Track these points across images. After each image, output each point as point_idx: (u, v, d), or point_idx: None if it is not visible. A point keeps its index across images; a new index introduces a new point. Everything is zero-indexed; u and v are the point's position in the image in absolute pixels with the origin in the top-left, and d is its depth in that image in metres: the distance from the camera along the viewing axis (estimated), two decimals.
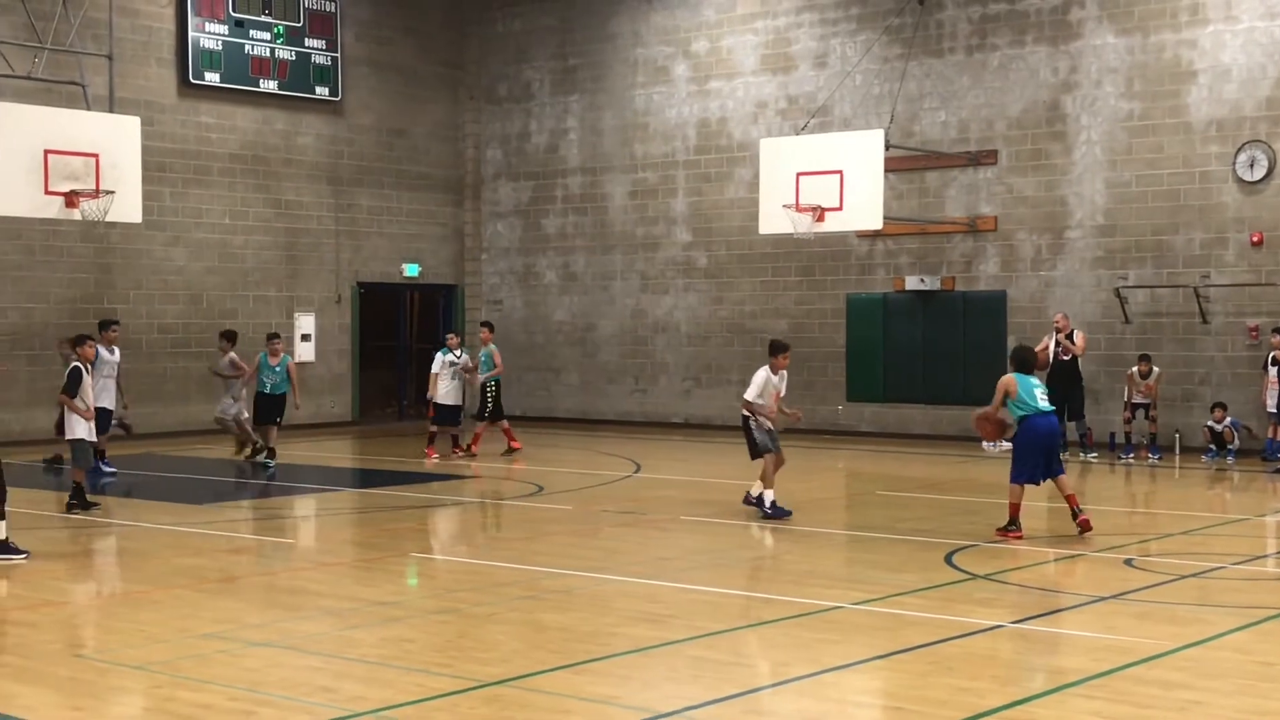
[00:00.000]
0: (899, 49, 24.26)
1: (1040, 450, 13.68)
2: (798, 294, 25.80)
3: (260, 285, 26.52)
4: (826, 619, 10.12)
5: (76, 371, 14.82)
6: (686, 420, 27.00)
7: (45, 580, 11.74)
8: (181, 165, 25.28)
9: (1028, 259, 23.56)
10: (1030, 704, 7.81)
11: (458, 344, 22.19)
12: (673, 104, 27.24)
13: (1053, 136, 23.27)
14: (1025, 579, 11.78)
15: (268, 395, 20.51)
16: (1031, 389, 13.70)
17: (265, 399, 20.50)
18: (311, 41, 27.01)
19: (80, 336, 15.50)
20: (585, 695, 8.08)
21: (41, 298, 23.55)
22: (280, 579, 11.87)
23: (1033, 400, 13.64)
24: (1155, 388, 21.28)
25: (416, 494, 17.67)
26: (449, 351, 21.70)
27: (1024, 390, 13.67)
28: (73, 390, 14.74)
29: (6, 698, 8.01)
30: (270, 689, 8.12)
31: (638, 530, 14.59)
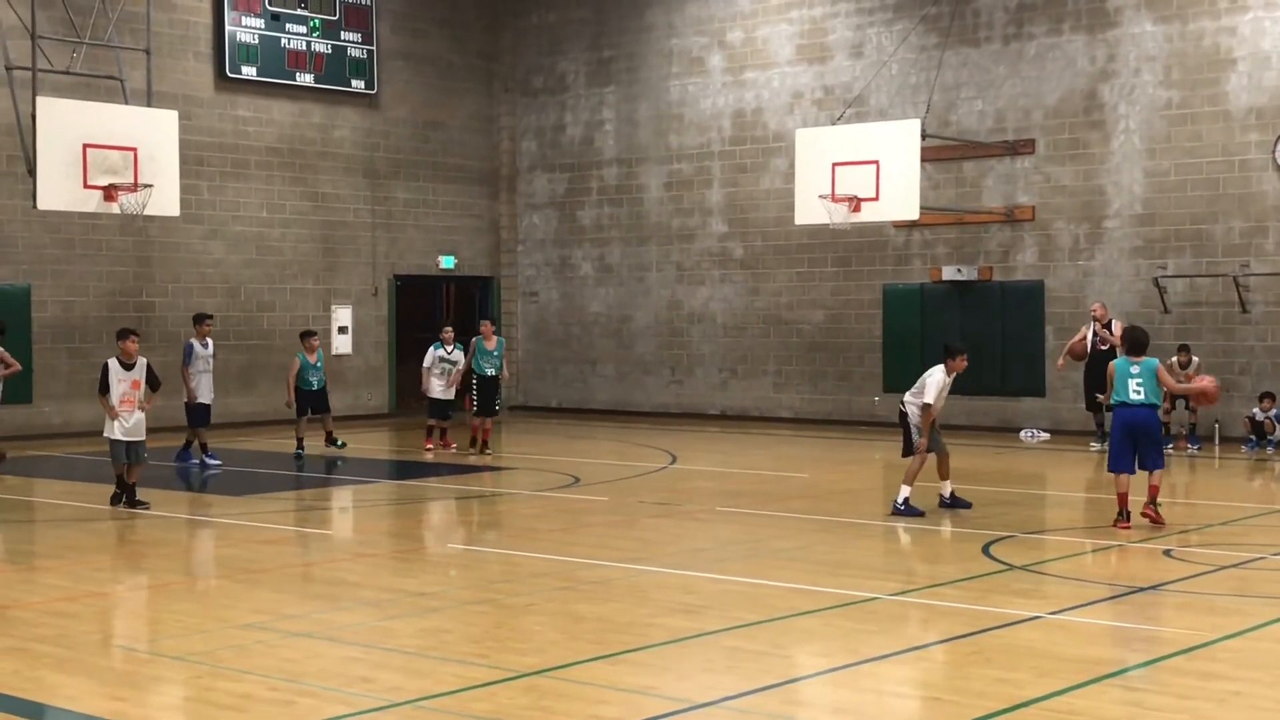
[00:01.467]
0: (935, 38, 24.15)
1: (1126, 440, 13.61)
2: (834, 285, 25.73)
3: (297, 278, 26.63)
4: (864, 610, 10.10)
5: (104, 368, 14.73)
6: (723, 412, 26.98)
7: (86, 571, 11.84)
8: (219, 159, 25.41)
9: (1066, 249, 23.43)
10: (1068, 695, 7.77)
11: (453, 339, 21.30)
12: (708, 95, 27.20)
13: (1090, 125, 23.13)
14: (1063, 570, 11.73)
15: (316, 391, 20.84)
16: (1126, 377, 13.61)
17: (314, 395, 20.83)
18: (347, 35, 27.09)
19: (122, 330, 15.24)
20: (622, 686, 8.09)
21: (81, 291, 23.73)
22: (318, 570, 11.94)
23: (1123, 390, 13.60)
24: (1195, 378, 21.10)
25: (453, 485, 17.72)
26: (441, 346, 21.10)
27: (1118, 378, 13.67)
28: (103, 388, 14.67)
29: (49, 688, 8.08)
30: (309, 679, 8.16)
31: (674, 521, 14.59)
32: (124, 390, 14.69)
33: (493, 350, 21.22)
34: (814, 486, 16.82)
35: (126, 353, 14.81)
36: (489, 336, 21.35)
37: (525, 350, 29.86)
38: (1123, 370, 13.74)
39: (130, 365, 14.77)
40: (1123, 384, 13.66)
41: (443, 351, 21.06)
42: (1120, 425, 13.70)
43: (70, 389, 22.95)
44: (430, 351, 21.14)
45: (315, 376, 20.86)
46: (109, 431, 14.77)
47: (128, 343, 14.87)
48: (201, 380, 19.50)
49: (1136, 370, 13.68)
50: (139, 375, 14.79)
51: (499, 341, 21.47)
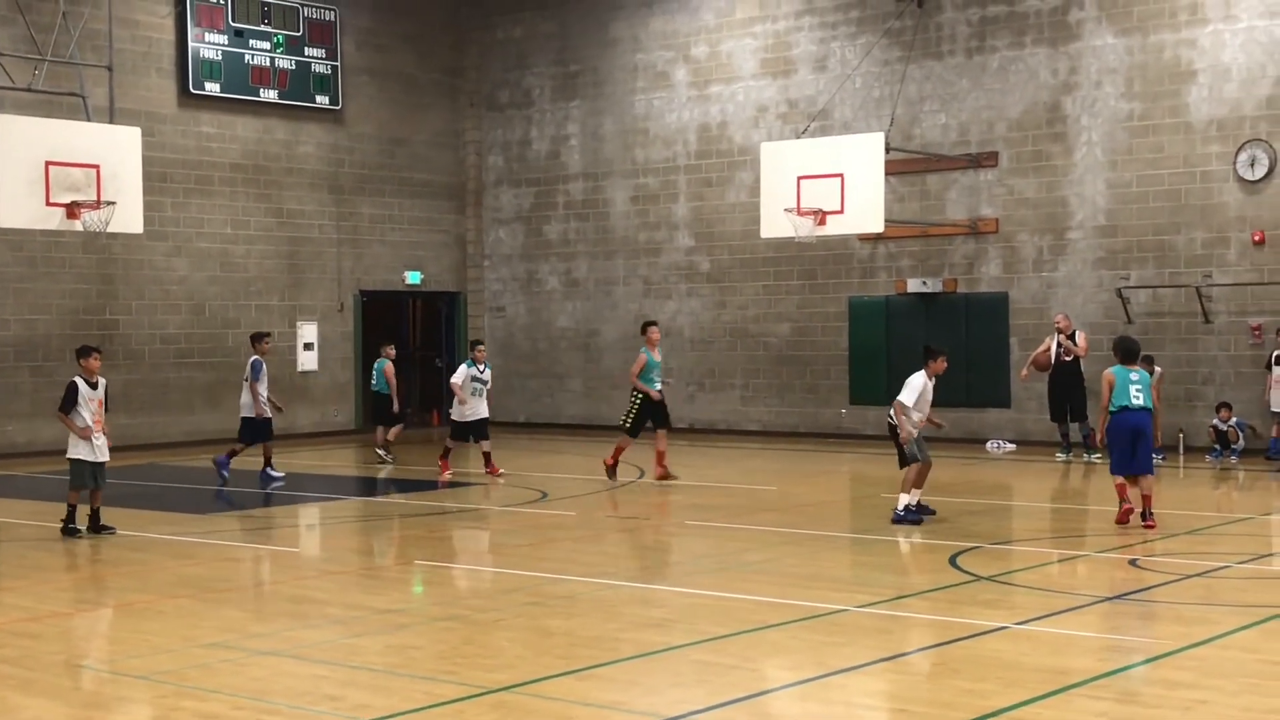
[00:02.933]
0: (899, 52, 24.27)
1: (1129, 442, 14.14)
2: (800, 298, 25.80)
3: (263, 294, 26.53)
4: (832, 622, 10.12)
5: (72, 386, 14.34)
6: (691, 425, 26.98)
7: (50, 591, 11.75)
8: (182, 175, 25.30)
9: (1029, 260, 23.56)
10: (1036, 705, 7.80)
11: (485, 357, 20.63)
12: (673, 109, 27.26)
13: (1053, 138, 23.28)
14: (1030, 580, 11.77)
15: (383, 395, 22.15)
16: (1126, 383, 14.17)
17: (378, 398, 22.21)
18: (311, 50, 27.03)
19: (84, 348, 14.87)
20: (590, 701, 8.08)
21: (44, 309, 23.57)
22: (285, 588, 11.87)
23: (1124, 395, 14.15)
24: (1158, 388, 21.24)
25: (421, 502, 17.67)
26: (474, 364, 20.15)
27: (1119, 384, 14.19)
28: (66, 407, 14.30)
29: (12, 709, 8.01)
30: (276, 697, 8.11)
31: (642, 535, 14.59)
32: (94, 410, 14.39)
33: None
34: (782, 499, 16.85)
35: (90, 370, 14.50)
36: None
37: (493, 365, 29.78)
38: (1122, 376, 14.23)
39: (94, 384, 14.52)
40: (1124, 389, 14.15)
41: (475, 370, 20.10)
42: (1125, 429, 14.16)
43: (34, 408, 22.77)
44: (461, 369, 20.23)
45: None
46: (78, 453, 14.31)
47: (91, 360, 14.53)
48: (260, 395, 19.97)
49: (1135, 377, 14.25)
50: (101, 394, 14.51)
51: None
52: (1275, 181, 21.41)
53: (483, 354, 20.48)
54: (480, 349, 20.56)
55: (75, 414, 14.32)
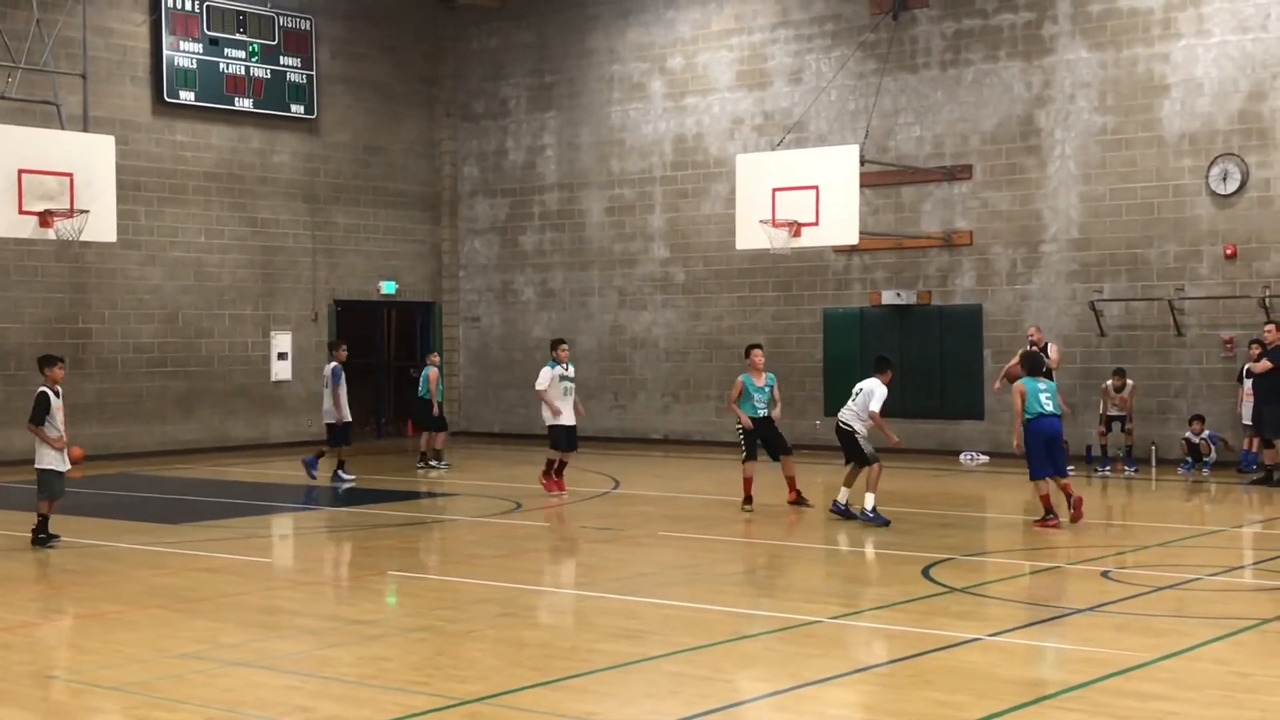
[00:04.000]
0: (874, 64, 24.36)
1: (1044, 448, 15.22)
2: (775, 309, 25.84)
3: (236, 304, 26.44)
4: (805, 633, 10.12)
5: (43, 397, 14.21)
6: (665, 436, 26.99)
7: (20, 601, 11.67)
8: (156, 184, 25.21)
9: (1003, 273, 23.65)
10: (1008, 716, 7.82)
11: (568, 356, 19.23)
12: (649, 120, 27.29)
13: (1027, 151, 23.38)
14: (1003, 592, 11.81)
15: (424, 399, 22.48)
16: (1037, 392, 15.28)
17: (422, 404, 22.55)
18: (286, 59, 26.98)
19: (49, 357, 14.74)
20: (564, 712, 8.06)
21: (16, 318, 23.45)
22: (257, 598, 11.82)
23: (1035, 403, 15.24)
24: (1130, 400, 21.35)
25: (394, 512, 17.62)
26: (557, 365, 18.88)
27: (1030, 395, 15.26)
28: (39, 418, 14.18)
29: None
30: (247, 709, 8.08)
31: (616, 546, 14.58)
32: (61, 419, 14.33)
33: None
34: (756, 510, 16.85)
35: (56, 379, 14.38)
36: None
37: (467, 375, 29.79)
38: (1032, 387, 15.35)
39: (58, 394, 14.40)
40: (1035, 398, 15.26)
41: (560, 369, 18.80)
42: (1041, 435, 15.20)
43: (5, 417, 22.58)
44: (545, 372, 18.85)
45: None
46: (49, 463, 14.22)
47: (57, 369, 14.43)
48: (345, 400, 20.93)
49: (1044, 386, 15.43)
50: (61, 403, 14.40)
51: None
52: (1247, 195, 21.55)
53: (565, 353, 18.98)
54: (563, 348, 19.05)
55: (48, 424, 14.22)
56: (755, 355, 17.80)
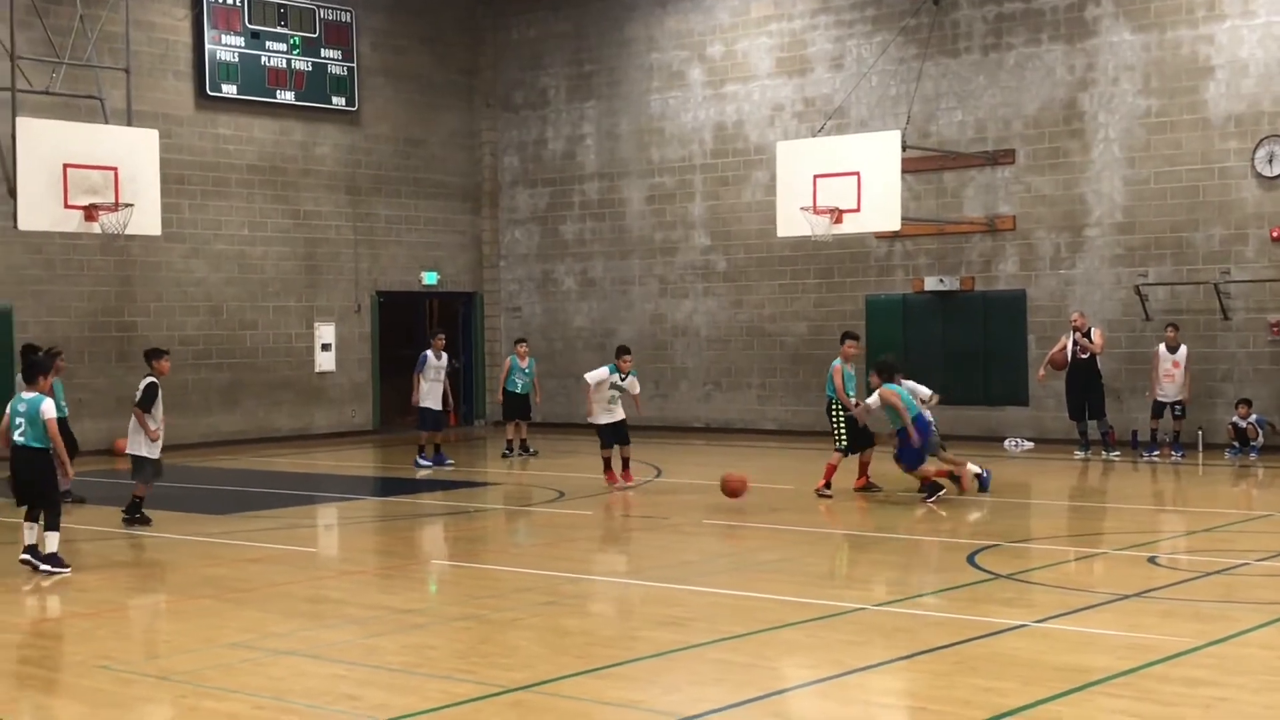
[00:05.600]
0: (915, 49, 24.24)
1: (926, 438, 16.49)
2: (817, 296, 25.78)
3: (280, 296, 26.60)
4: (849, 620, 10.11)
5: (153, 387, 14.91)
6: (707, 424, 26.98)
7: (71, 593, 11.80)
8: (200, 177, 25.37)
9: (1047, 258, 23.51)
10: (1055, 703, 7.79)
11: (630, 368, 18.55)
12: (689, 108, 27.25)
13: (1070, 135, 23.22)
14: (1048, 578, 11.75)
15: (518, 394, 22.64)
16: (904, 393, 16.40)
17: (515, 398, 22.62)
18: (327, 52, 27.09)
19: (156, 350, 15.50)
20: (608, 700, 8.08)
21: (63, 311, 23.66)
22: (303, 588, 11.91)
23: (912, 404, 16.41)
24: (1186, 373, 20.97)
25: (437, 502, 17.69)
26: (616, 371, 18.35)
27: (905, 397, 16.35)
28: (147, 405, 14.83)
29: (36, 709, 8.06)
30: (295, 697, 8.14)
31: (659, 535, 14.59)
32: (161, 412, 15.01)
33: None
34: (799, 498, 16.83)
35: (163, 371, 15.18)
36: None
37: None
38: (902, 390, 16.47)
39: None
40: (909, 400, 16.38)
41: (617, 377, 18.38)
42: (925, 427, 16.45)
43: None
44: (602, 371, 18.56)
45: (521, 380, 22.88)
46: (145, 450, 14.89)
47: (164, 361, 15.31)
48: (431, 388, 21.06)
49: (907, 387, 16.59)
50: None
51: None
52: None
53: (628, 364, 18.52)
54: (627, 358, 18.59)
55: (150, 415, 14.83)
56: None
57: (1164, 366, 20.98)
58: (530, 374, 22.93)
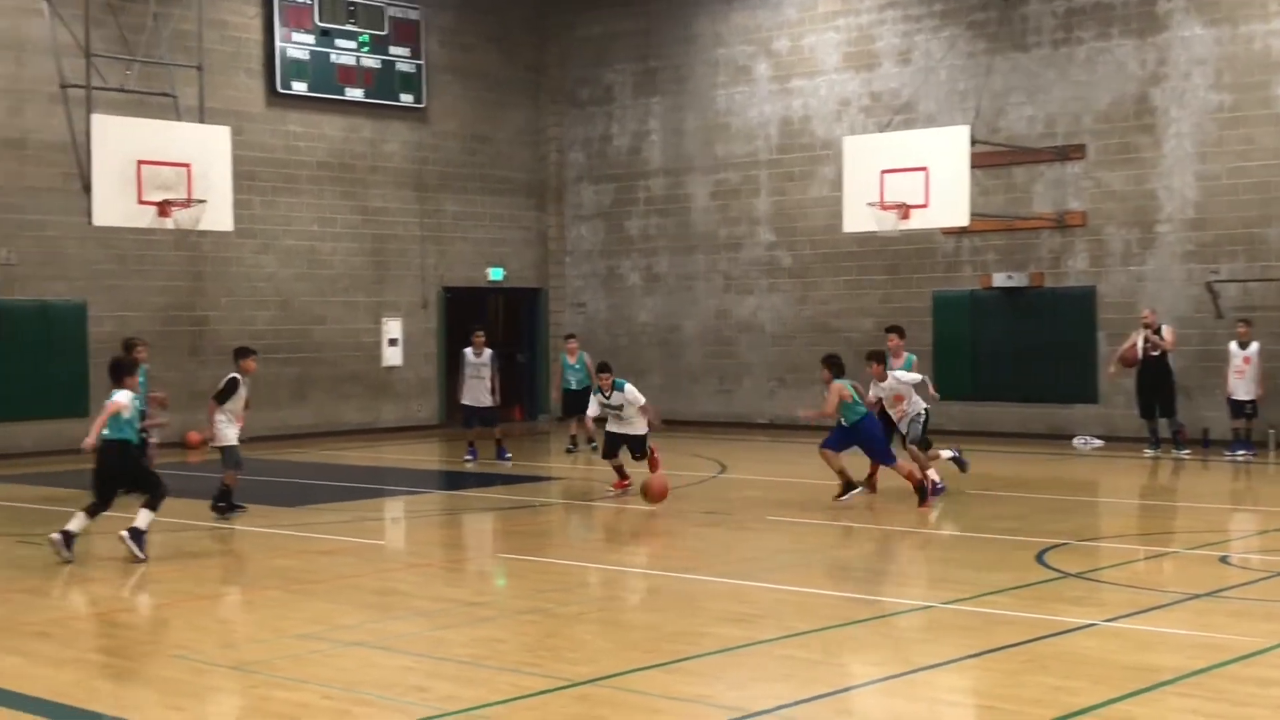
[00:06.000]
0: (984, 44, 24.07)
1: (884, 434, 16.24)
2: (883, 292, 25.65)
3: (348, 291, 26.82)
4: (917, 618, 10.07)
5: (233, 382, 15.16)
6: (771, 421, 26.93)
7: (145, 583, 11.96)
8: (270, 174, 25.63)
9: (1117, 254, 23.28)
10: (1125, 702, 7.72)
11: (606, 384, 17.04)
12: (754, 103, 27.20)
13: (1141, 130, 22.97)
14: (1118, 577, 11.65)
15: (573, 391, 22.34)
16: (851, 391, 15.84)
17: (571, 394, 22.43)
18: (396, 49, 27.27)
19: (244, 349, 15.74)
20: (675, 694, 8.10)
21: (136, 306, 23.96)
22: (371, 580, 12.00)
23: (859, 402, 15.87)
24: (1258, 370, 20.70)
25: (503, 495, 17.77)
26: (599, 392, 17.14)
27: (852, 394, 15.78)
28: (223, 399, 15.09)
29: (109, 697, 8.18)
30: (364, 688, 8.21)
31: (723, 531, 14.58)
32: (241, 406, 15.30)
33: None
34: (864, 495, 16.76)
35: (248, 370, 15.37)
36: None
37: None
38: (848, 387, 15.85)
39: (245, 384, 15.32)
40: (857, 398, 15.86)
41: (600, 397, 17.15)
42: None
43: None
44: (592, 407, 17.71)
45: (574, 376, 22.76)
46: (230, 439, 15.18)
47: (250, 360, 15.50)
48: (469, 385, 21.25)
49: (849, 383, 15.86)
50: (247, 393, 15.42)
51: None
52: None
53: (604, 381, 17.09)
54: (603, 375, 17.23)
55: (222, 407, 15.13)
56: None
57: (1235, 363, 20.74)
58: (582, 368, 22.72)
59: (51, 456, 21.94)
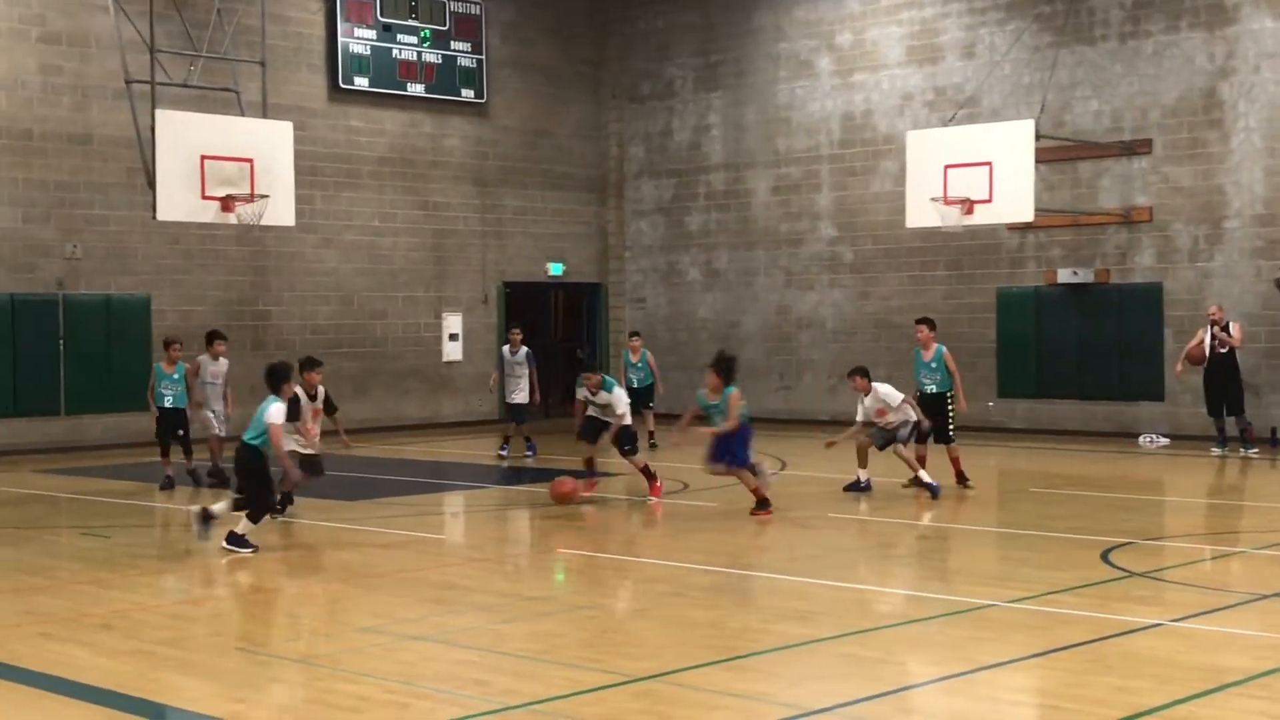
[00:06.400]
0: (1049, 37, 23.82)
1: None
2: (946, 288, 25.46)
3: (409, 286, 26.93)
4: (979, 617, 9.97)
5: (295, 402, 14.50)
6: (832, 417, 26.75)
7: (208, 575, 12.05)
8: (332, 169, 25.77)
9: (1184, 250, 22.98)
10: (1191, 703, 7.61)
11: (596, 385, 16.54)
12: (816, 98, 27.06)
13: (1209, 124, 22.66)
14: (1184, 576, 11.49)
15: (635, 389, 21.80)
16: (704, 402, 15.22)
17: (633, 392, 21.29)
18: (457, 44, 27.35)
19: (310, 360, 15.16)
20: (735, 691, 8.05)
21: (199, 300, 24.17)
22: (432, 574, 12.03)
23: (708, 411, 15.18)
24: None
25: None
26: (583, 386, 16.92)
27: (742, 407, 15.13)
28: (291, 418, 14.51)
29: (172, 689, 8.23)
30: (425, 682, 8.22)
31: (784, 527, 14.51)
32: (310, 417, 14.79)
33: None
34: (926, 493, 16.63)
35: (313, 383, 14.85)
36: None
37: None
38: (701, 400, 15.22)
39: (313, 395, 14.87)
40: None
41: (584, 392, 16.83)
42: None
43: None
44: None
45: (636, 376, 22.54)
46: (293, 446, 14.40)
47: (315, 374, 14.98)
48: (506, 383, 21.38)
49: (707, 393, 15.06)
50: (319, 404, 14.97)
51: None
52: None
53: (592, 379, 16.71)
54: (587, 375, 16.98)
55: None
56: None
57: None
58: (644, 367, 22.66)
59: (116, 450, 22.21)
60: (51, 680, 8.33)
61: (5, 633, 9.63)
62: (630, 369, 22.81)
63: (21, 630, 9.70)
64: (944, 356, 17.17)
